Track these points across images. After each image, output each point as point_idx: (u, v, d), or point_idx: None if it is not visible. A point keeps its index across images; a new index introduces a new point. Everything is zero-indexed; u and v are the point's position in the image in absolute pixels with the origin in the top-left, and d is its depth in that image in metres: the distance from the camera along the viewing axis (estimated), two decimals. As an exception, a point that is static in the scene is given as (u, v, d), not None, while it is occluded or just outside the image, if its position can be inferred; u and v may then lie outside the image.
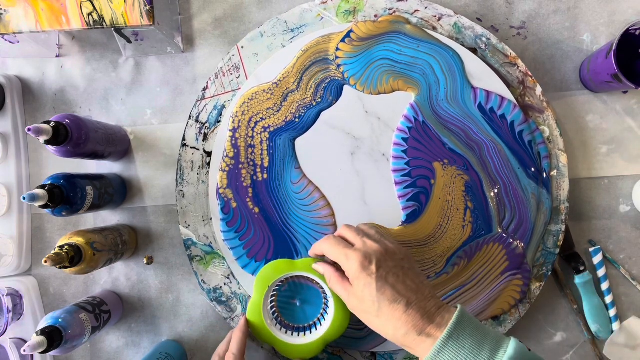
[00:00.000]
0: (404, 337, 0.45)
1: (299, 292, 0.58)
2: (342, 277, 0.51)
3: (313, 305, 0.58)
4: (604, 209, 0.68)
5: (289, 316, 0.58)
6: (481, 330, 0.44)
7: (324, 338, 0.55)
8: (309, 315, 0.58)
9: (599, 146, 0.68)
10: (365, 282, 0.47)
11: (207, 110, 0.66)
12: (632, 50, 0.63)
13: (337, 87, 0.64)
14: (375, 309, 0.46)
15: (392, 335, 0.46)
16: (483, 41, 0.65)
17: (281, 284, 0.58)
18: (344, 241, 0.52)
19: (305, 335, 0.56)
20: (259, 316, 0.55)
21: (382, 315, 0.46)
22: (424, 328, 0.45)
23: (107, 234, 0.62)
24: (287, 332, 0.57)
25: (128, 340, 0.69)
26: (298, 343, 0.55)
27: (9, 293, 0.65)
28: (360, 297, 0.48)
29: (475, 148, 0.63)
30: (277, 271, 0.56)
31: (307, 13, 0.66)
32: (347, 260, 0.49)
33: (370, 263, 0.47)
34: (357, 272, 0.47)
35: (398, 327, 0.45)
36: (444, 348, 0.43)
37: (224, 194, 0.64)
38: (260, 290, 0.56)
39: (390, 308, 0.46)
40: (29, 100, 0.70)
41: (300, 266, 0.55)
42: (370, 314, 0.47)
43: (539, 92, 0.64)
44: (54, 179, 0.56)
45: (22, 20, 0.61)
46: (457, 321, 0.44)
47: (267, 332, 0.55)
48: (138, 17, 0.60)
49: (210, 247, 0.66)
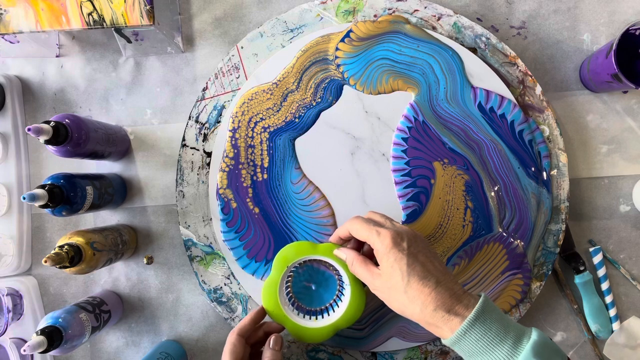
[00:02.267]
0: (432, 313, 0.45)
1: (314, 277, 0.58)
2: (365, 260, 0.51)
3: (327, 291, 0.58)
4: (604, 209, 0.68)
5: (302, 299, 0.58)
6: (505, 317, 0.45)
7: (335, 324, 0.55)
8: (322, 300, 0.58)
9: (599, 146, 0.68)
10: (396, 257, 0.47)
11: (207, 110, 0.66)
12: (632, 50, 0.63)
13: (337, 87, 0.64)
14: (404, 284, 0.46)
15: (419, 312, 0.46)
16: (483, 41, 0.65)
17: (298, 267, 0.57)
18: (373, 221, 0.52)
19: (317, 319, 0.56)
20: (274, 294, 0.55)
21: (410, 290, 0.46)
22: (452, 307, 0.45)
23: (107, 234, 0.62)
24: (299, 315, 0.56)
25: (128, 340, 0.69)
26: (309, 326, 0.55)
27: (9, 293, 0.65)
28: (388, 274, 0.48)
29: (475, 147, 0.63)
30: (299, 252, 0.55)
31: (306, 13, 0.66)
32: (379, 236, 0.48)
33: (402, 240, 0.48)
34: (389, 247, 0.47)
35: (427, 304, 0.45)
36: (472, 327, 0.43)
37: (224, 194, 0.64)
38: (279, 268, 0.55)
39: (420, 284, 0.46)
40: (29, 100, 0.71)
41: (322, 250, 0.55)
42: (397, 290, 0.47)
43: (539, 92, 0.64)
44: (54, 179, 0.56)
45: (22, 20, 0.61)
46: (484, 304, 0.44)
47: (279, 311, 0.55)
48: (138, 17, 0.60)
49: (211, 247, 0.66)
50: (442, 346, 0.65)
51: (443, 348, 0.65)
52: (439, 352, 0.65)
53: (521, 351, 0.42)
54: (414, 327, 0.63)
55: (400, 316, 0.63)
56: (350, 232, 0.52)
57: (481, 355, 0.43)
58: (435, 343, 0.65)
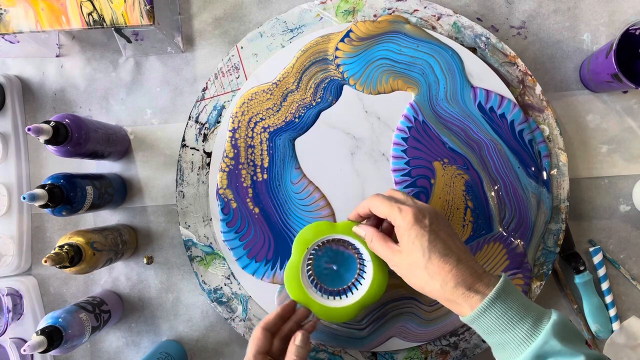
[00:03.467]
0: (453, 290, 0.45)
1: (334, 258, 0.58)
2: (385, 237, 0.51)
3: (348, 271, 0.58)
4: (604, 209, 0.68)
5: (324, 281, 0.58)
6: (525, 298, 0.45)
7: (361, 302, 0.55)
8: (344, 280, 0.57)
9: (599, 146, 0.68)
10: (417, 234, 0.47)
11: (207, 110, 0.66)
12: (632, 50, 0.63)
13: (337, 87, 0.64)
14: (425, 260, 0.46)
15: (440, 288, 0.46)
16: (482, 40, 0.65)
17: (317, 249, 0.57)
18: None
19: (342, 299, 0.56)
20: (297, 276, 0.55)
21: (431, 267, 0.46)
22: (473, 284, 0.45)
23: (107, 234, 0.62)
24: (324, 296, 0.56)
25: (128, 340, 0.69)
26: (334, 306, 0.55)
27: (9, 293, 0.65)
28: (408, 250, 0.47)
29: (475, 147, 0.63)
30: (318, 233, 0.55)
31: (306, 13, 0.66)
32: (400, 212, 0.48)
33: (424, 217, 0.48)
34: (410, 223, 0.47)
35: (447, 280, 0.45)
36: (492, 305, 0.43)
37: (224, 195, 0.64)
38: (299, 251, 0.55)
39: (441, 261, 0.46)
40: (29, 100, 0.71)
41: (341, 229, 0.55)
42: (417, 267, 0.47)
43: (539, 91, 0.64)
44: (54, 179, 0.56)
45: (22, 20, 0.61)
46: (505, 283, 0.44)
47: (304, 294, 0.55)
48: (138, 17, 0.60)
49: (211, 247, 0.66)
50: (443, 346, 0.65)
51: (443, 348, 0.65)
52: (439, 352, 0.65)
53: (541, 330, 0.42)
54: (414, 327, 0.63)
55: (401, 316, 0.63)
56: (370, 209, 0.52)
57: (500, 334, 0.43)
58: (435, 343, 0.65)
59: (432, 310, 0.63)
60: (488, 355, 0.68)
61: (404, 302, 0.63)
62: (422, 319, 0.63)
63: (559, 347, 0.41)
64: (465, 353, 0.65)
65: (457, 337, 0.65)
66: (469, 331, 0.65)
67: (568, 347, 0.41)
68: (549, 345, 0.41)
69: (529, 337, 0.42)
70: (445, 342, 0.65)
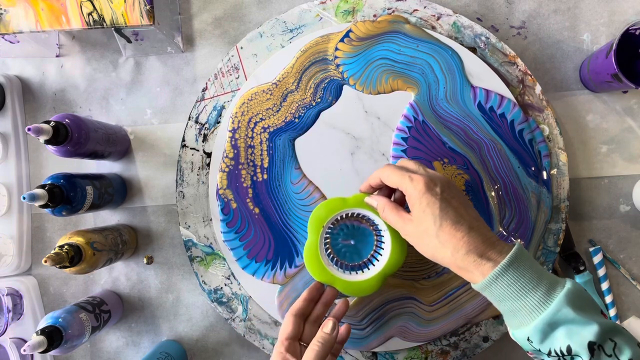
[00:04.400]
0: (464, 257, 0.45)
1: (350, 234, 0.58)
2: (396, 206, 0.51)
3: (365, 245, 0.57)
4: (604, 209, 0.67)
5: (344, 257, 0.57)
6: (539, 266, 0.44)
7: (383, 272, 0.54)
8: (363, 254, 0.57)
9: (599, 146, 0.68)
10: (429, 202, 0.46)
11: (207, 111, 0.66)
12: (632, 50, 0.63)
13: (337, 87, 0.64)
14: (436, 228, 0.46)
15: (450, 256, 0.45)
16: (482, 40, 0.65)
17: (332, 227, 0.57)
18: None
19: (364, 272, 0.56)
20: (317, 256, 0.55)
21: (442, 234, 0.46)
22: (485, 251, 0.45)
23: (107, 234, 0.62)
24: (345, 272, 0.56)
25: (128, 340, 0.69)
26: (358, 280, 0.55)
27: (9, 293, 0.65)
28: (420, 219, 0.47)
29: (475, 147, 0.63)
30: (331, 210, 0.55)
31: (306, 13, 0.66)
32: (412, 181, 0.47)
33: (435, 185, 0.47)
34: (422, 192, 0.47)
35: (458, 248, 0.45)
36: (504, 273, 0.43)
37: (224, 195, 0.64)
38: (315, 231, 0.55)
39: (453, 228, 0.45)
40: (29, 100, 0.71)
41: (352, 202, 0.55)
42: (429, 235, 0.46)
43: (539, 91, 0.64)
44: (54, 179, 0.56)
45: (22, 20, 0.61)
46: (519, 251, 0.44)
47: (326, 273, 0.55)
48: (138, 17, 0.60)
49: (211, 247, 0.66)
50: (443, 346, 0.65)
51: (443, 348, 0.65)
52: (439, 352, 0.65)
53: (554, 298, 0.42)
54: (414, 327, 0.63)
55: (401, 316, 0.63)
56: (381, 179, 0.51)
57: (512, 301, 0.43)
58: (435, 343, 0.65)
59: (432, 310, 0.63)
60: (488, 356, 0.68)
61: (404, 302, 0.63)
62: (422, 318, 0.63)
63: (572, 316, 0.41)
64: (466, 353, 0.65)
65: (457, 337, 0.65)
66: (469, 331, 0.65)
67: (581, 315, 0.41)
68: (562, 313, 0.41)
69: (541, 305, 0.42)
70: (445, 342, 0.65)
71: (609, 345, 0.40)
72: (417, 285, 0.63)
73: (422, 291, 0.63)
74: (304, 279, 0.63)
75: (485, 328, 0.65)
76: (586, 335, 0.40)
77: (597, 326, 0.40)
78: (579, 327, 0.41)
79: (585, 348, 0.40)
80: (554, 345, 0.42)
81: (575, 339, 0.41)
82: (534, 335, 0.42)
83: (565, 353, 0.41)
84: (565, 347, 0.41)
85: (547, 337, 0.42)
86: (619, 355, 0.40)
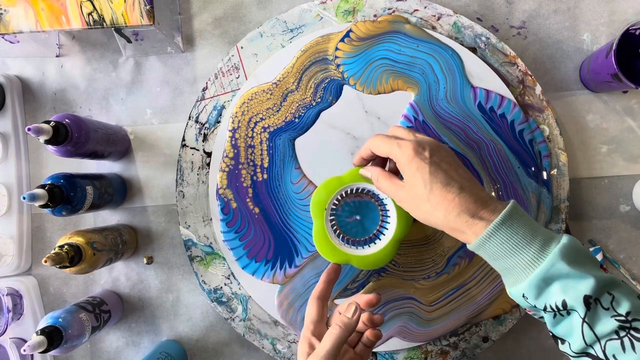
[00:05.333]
0: (456, 218, 0.44)
1: (354, 211, 0.57)
2: (389, 174, 0.50)
3: (371, 217, 0.57)
4: (604, 209, 0.68)
5: (354, 234, 0.57)
6: (534, 223, 0.44)
7: (394, 239, 0.54)
8: (371, 227, 0.57)
9: (599, 146, 0.68)
10: (418, 166, 0.46)
11: (207, 110, 0.66)
12: (632, 50, 0.63)
13: (337, 87, 0.64)
14: (427, 192, 0.46)
15: (443, 218, 0.45)
16: (482, 40, 0.65)
17: (335, 207, 0.57)
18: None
19: (376, 243, 0.56)
20: (326, 239, 0.55)
21: (433, 197, 0.45)
22: (477, 211, 0.44)
23: (107, 234, 0.62)
24: (358, 247, 0.56)
25: (128, 340, 0.69)
26: (373, 252, 0.55)
27: (9, 293, 0.65)
28: (411, 183, 0.47)
29: (475, 147, 0.63)
30: (329, 191, 0.55)
31: (306, 13, 0.66)
32: (400, 147, 0.47)
33: (424, 150, 0.47)
34: (410, 157, 0.46)
35: (450, 209, 0.45)
36: (497, 231, 0.42)
37: (224, 195, 0.64)
38: (319, 215, 0.55)
39: (443, 190, 0.45)
40: (29, 100, 0.71)
41: (348, 178, 0.55)
42: (420, 199, 0.46)
43: (539, 91, 0.64)
44: (54, 179, 0.56)
45: (22, 20, 0.61)
46: (512, 209, 0.43)
47: (339, 252, 0.55)
48: (138, 17, 0.60)
49: (211, 247, 0.66)
50: (442, 346, 0.65)
51: (443, 348, 0.65)
52: (439, 352, 0.65)
53: (548, 254, 0.41)
54: (414, 327, 0.63)
55: (401, 316, 0.63)
56: (371, 150, 0.51)
57: (506, 259, 0.43)
58: (435, 343, 0.65)
59: (432, 311, 0.63)
60: (488, 356, 0.68)
61: (404, 302, 0.63)
62: (422, 318, 0.63)
63: (567, 270, 0.40)
64: (465, 353, 0.65)
65: (457, 337, 0.65)
66: (468, 331, 0.65)
67: (577, 269, 0.40)
68: (556, 268, 0.40)
69: (535, 261, 0.41)
70: (445, 342, 0.65)
71: (606, 298, 0.40)
72: (416, 285, 0.63)
73: (422, 291, 0.63)
74: (304, 278, 0.63)
75: (485, 328, 0.65)
76: (582, 289, 0.40)
77: (594, 280, 0.40)
78: (574, 281, 0.40)
79: (580, 302, 0.40)
80: (549, 301, 0.41)
81: (570, 293, 0.40)
82: (529, 292, 0.42)
83: (561, 308, 0.40)
84: (560, 302, 0.40)
85: (542, 293, 0.41)
86: (617, 308, 0.39)
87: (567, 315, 0.41)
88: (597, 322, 0.39)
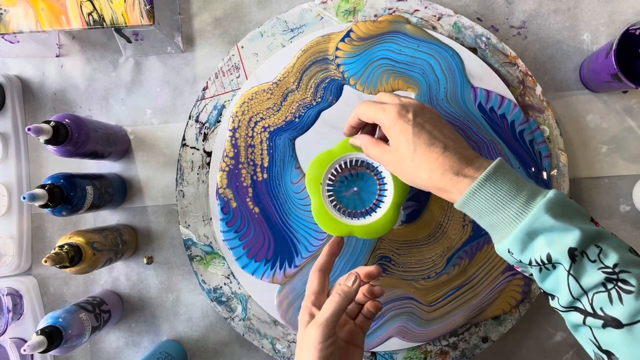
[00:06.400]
0: (440, 177, 0.44)
1: (351, 183, 0.57)
2: (377, 140, 0.50)
3: (369, 186, 0.57)
4: (604, 209, 0.67)
5: (354, 206, 0.57)
6: (520, 179, 0.43)
7: (395, 203, 0.54)
8: (370, 196, 0.57)
9: (599, 146, 0.68)
10: (401, 128, 0.46)
11: (207, 110, 0.66)
12: (632, 50, 0.63)
13: (337, 86, 0.64)
14: (411, 153, 0.46)
15: (427, 178, 0.45)
16: (483, 41, 0.65)
17: (332, 182, 0.56)
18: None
19: (376, 212, 0.55)
20: (327, 214, 0.55)
21: (417, 157, 0.46)
22: (461, 169, 0.44)
23: (107, 234, 0.62)
24: (360, 218, 0.55)
25: (128, 340, 0.69)
26: (374, 220, 0.55)
27: (9, 293, 0.65)
28: (396, 146, 0.47)
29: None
30: (321, 165, 0.55)
31: (306, 13, 0.66)
32: (384, 111, 0.47)
33: (407, 112, 0.47)
34: (394, 120, 0.46)
35: (434, 169, 0.45)
36: (481, 188, 0.42)
37: (224, 194, 0.64)
38: (316, 191, 0.55)
39: (427, 150, 0.45)
40: (29, 100, 0.71)
41: (339, 150, 0.55)
42: (405, 161, 0.46)
43: (539, 92, 0.64)
44: (54, 179, 0.56)
45: (22, 20, 0.61)
46: (497, 165, 0.43)
47: (341, 225, 0.55)
48: (138, 17, 0.60)
49: (210, 247, 0.66)
50: (442, 346, 0.65)
51: (443, 348, 0.65)
52: (438, 352, 0.65)
53: (533, 207, 0.40)
54: (413, 327, 0.63)
55: (400, 316, 0.63)
56: (359, 117, 0.51)
57: (491, 215, 0.42)
58: (435, 343, 0.65)
59: (432, 311, 0.63)
60: (487, 356, 0.68)
61: (404, 302, 0.63)
62: (422, 319, 0.63)
63: (551, 223, 0.39)
64: (465, 353, 0.65)
65: (456, 337, 0.65)
66: (468, 331, 0.65)
67: (563, 222, 0.39)
68: (540, 221, 0.40)
69: (519, 215, 0.41)
70: (444, 342, 0.65)
71: (592, 250, 0.39)
72: (416, 285, 0.63)
73: (422, 291, 0.63)
74: (304, 278, 0.63)
75: (485, 328, 0.65)
76: (566, 241, 0.39)
77: (579, 232, 0.39)
78: (559, 234, 0.39)
79: (565, 254, 0.39)
80: (533, 255, 0.41)
81: (555, 246, 0.39)
82: (514, 246, 0.41)
83: (546, 261, 0.40)
84: (545, 255, 0.40)
85: (526, 247, 0.41)
86: (604, 260, 0.39)
87: (552, 269, 0.40)
88: (583, 275, 0.39)
